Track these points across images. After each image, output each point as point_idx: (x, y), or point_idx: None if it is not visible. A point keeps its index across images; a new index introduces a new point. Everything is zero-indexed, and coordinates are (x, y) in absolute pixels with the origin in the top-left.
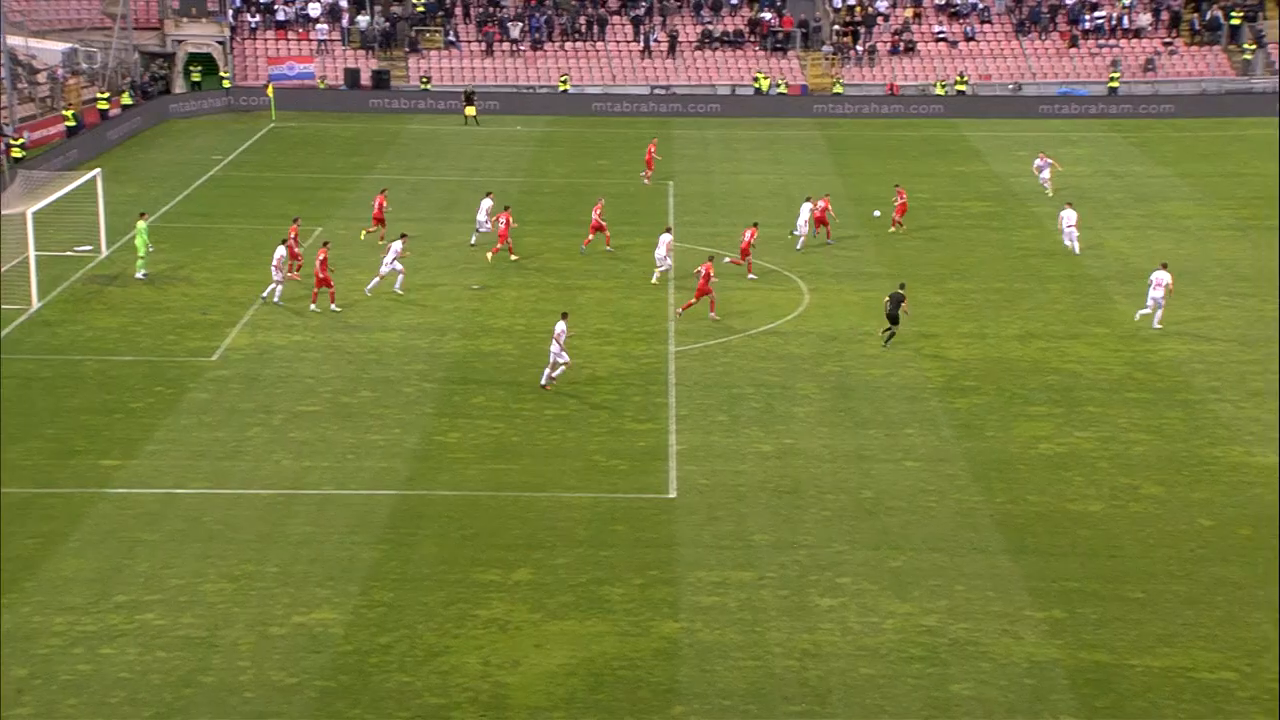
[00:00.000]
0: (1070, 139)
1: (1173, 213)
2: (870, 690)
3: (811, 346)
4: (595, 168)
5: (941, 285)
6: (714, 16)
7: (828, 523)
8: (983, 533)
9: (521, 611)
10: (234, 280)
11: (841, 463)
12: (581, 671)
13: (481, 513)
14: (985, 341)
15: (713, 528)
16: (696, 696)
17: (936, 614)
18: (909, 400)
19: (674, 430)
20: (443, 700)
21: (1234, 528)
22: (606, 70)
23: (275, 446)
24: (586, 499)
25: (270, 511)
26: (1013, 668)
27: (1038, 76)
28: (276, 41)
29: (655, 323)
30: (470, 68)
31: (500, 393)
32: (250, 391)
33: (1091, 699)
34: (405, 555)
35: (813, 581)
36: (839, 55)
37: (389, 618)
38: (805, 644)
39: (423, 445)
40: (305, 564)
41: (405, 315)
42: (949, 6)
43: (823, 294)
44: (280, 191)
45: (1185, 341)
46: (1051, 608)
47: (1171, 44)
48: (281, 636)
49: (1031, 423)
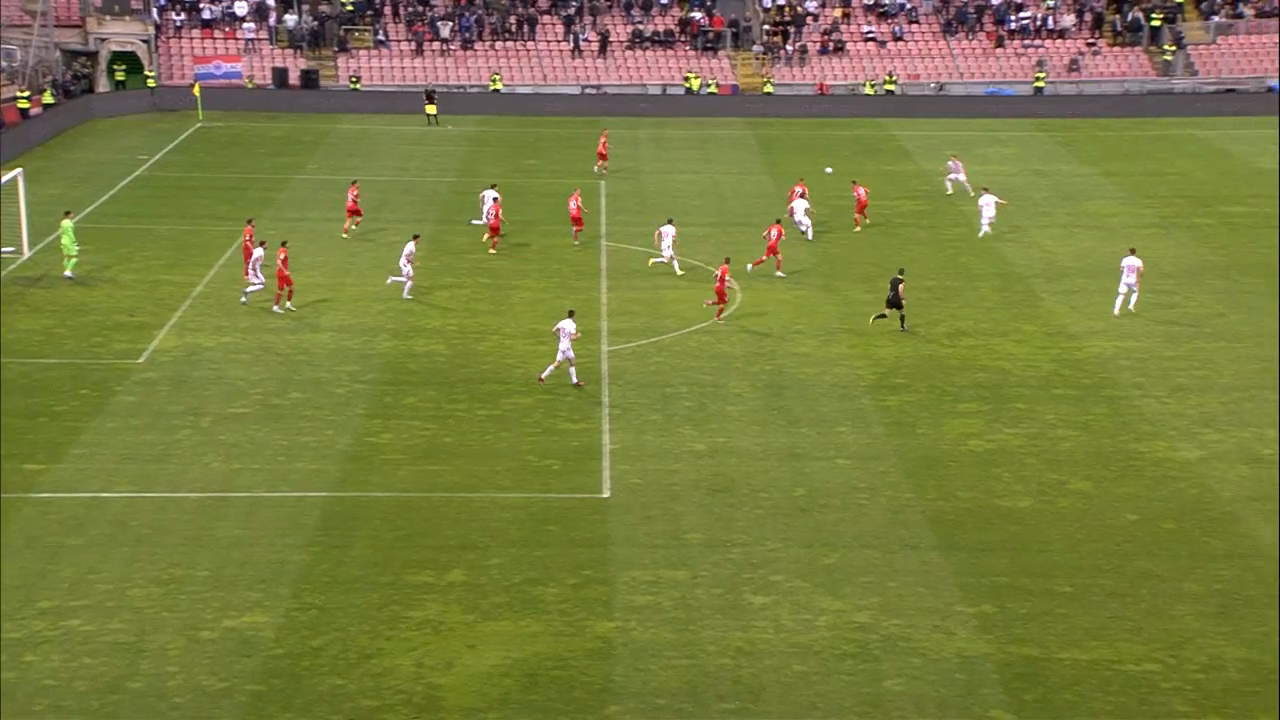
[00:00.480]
0: (998, 138)
1: (1097, 211)
2: (803, 687)
3: (744, 345)
4: (526, 167)
5: (873, 284)
6: (645, 16)
7: (761, 521)
8: (914, 529)
9: (455, 613)
10: (161, 281)
11: (774, 461)
12: (516, 672)
13: (414, 514)
14: (916, 340)
15: (646, 527)
16: (631, 695)
17: (869, 610)
18: (841, 398)
19: (607, 430)
20: (376, 702)
21: (1158, 522)
22: (537, 70)
23: (204, 449)
24: (520, 499)
25: (199, 514)
26: (944, 663)
27: (965, 76)
28: (203, 40)
29: (588, 322)
30: (400, 67)
31: (432, 393)
32: (178, 394)
33: (1021, 692)
34: (337, 557)
35: (746, 580)
36: (769, 55)
37: (321, 620)
38: (739, 642)
39: (354, 447)
40: (235, 567)
41: (336, 316)
42: (877, 7)
43: (755, 293)
44: (208, 192)
45: (1110, 339)
46: (981, 603)
47: (1095, 45)
48: (211, 641)
49: (961, 420)
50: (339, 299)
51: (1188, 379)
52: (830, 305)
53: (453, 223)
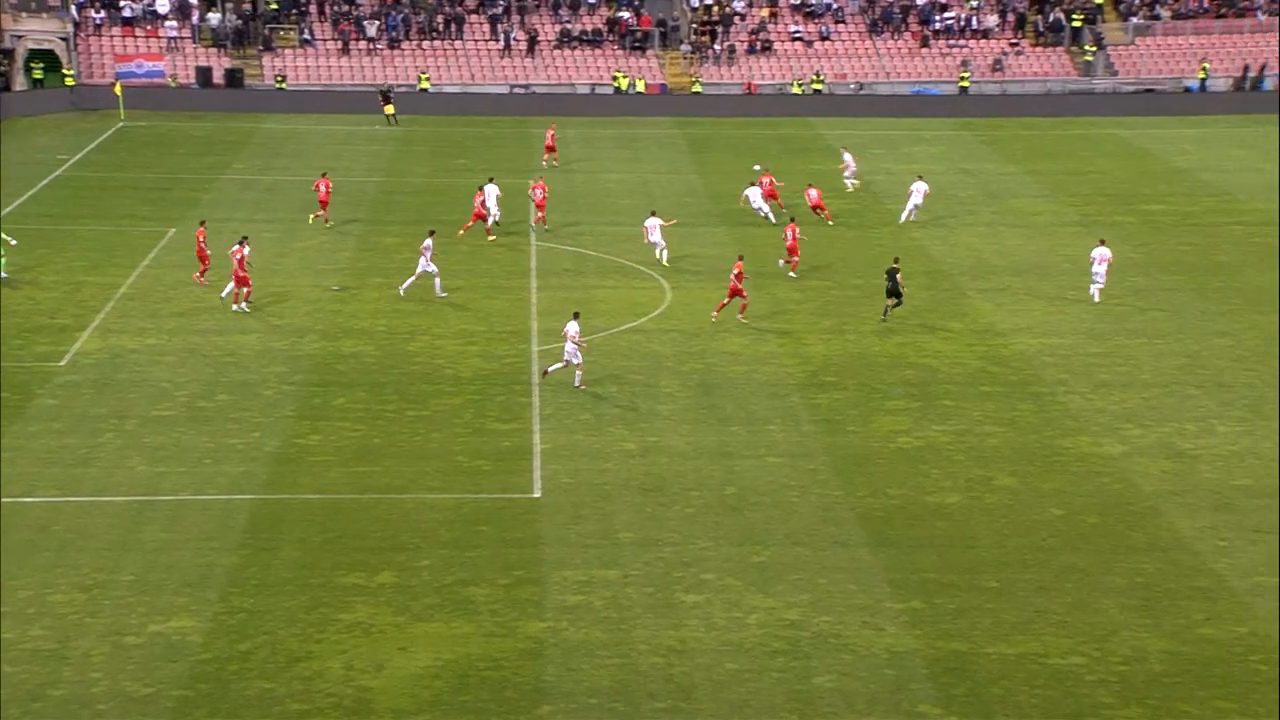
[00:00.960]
0: (924, 138)
1: (1022, 209)
2: (735, 685)
3: (674, 344)
4: (455, 167)
5: (801, 282)
6: (572, 16)
7: (692, 520)
8: (844, 527)
9: (385, 615)
10: (83, 283)
11: (705, 460)
12: (447, 673)
13: (344, 516)
14: (845, 338)
15: (578, 527)
16: (563, 696)
17: (799, 608)
18: (771, 397)
19: (538, 430)
20: (305, 706)
21: (1083, 516)
22: (465, 69)
23: (129, 452)
24: (450, 500)
25: (124, 519)
26: (873, 659)
27: (891, 76)
28: (124, 39)
29: (518, 322)
30: (326, 66)
31: (362, 394)
32: (102, 396)
33: (949, 687)
34: (265, 561)
35: (678, 578)
36: (697, 55)
37: (249, 624)
38: (671, 641)
39: (283, 448)
40: (162, 571)
41: (263, 317)
42: (804, 7)
43: (684, 291)
44: (131, 192)
45: (1035, 335)
46: (910, 599)
47: (1017, 45)
48: (137, 646)
49: (890, 417)
50: (266, 300)
51: (1110, 375)
52: (760, 304)
53: (381, 223)
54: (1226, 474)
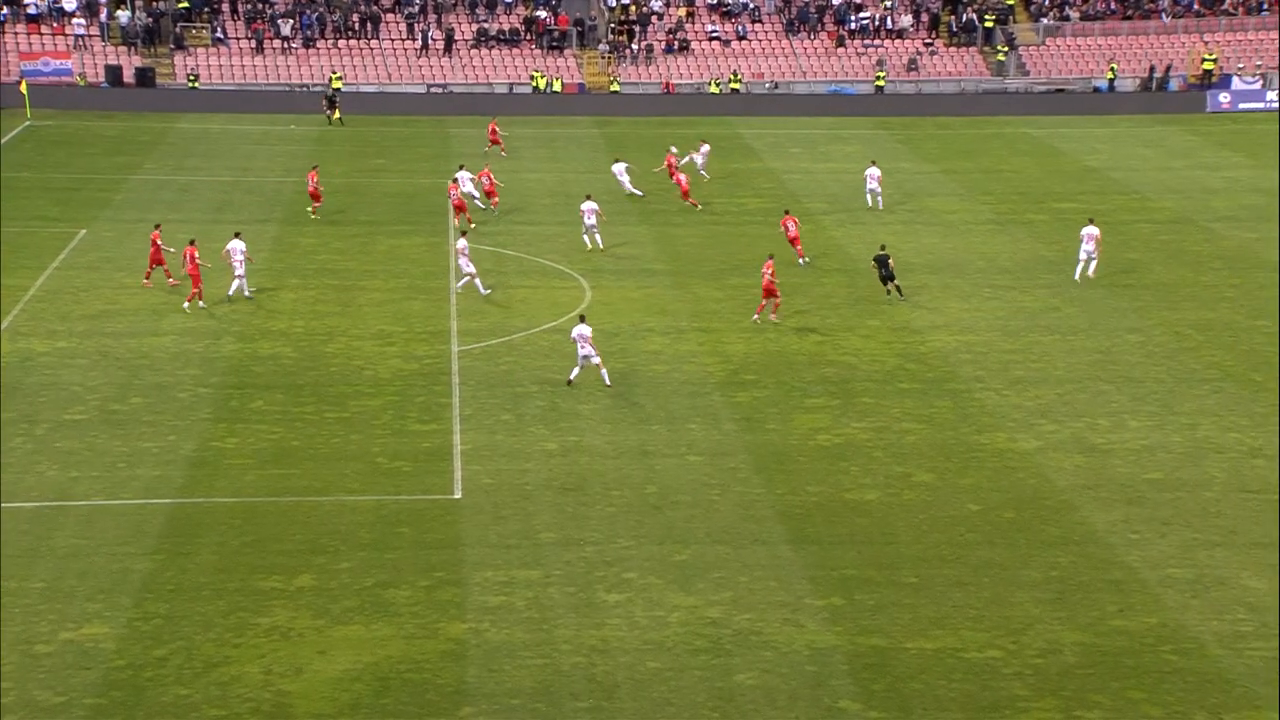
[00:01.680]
0: (841, 136)
1: (937, 208)
2: (657, 683)
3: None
4: (373, 167)
5: (721, 281)
6: (489, 15)
7: (613, 519)
8: (764, 524)
9: (304, 618)
10: None
11: (626, 459)
12: (367, 676)
13: (262, 519)
14: (764, 335)
15: (499, 527)
16: (485, 697)
17: (721, 606)
18: (691, 395)
19: (458, 430)
20: (223, 712)
21: (999, 511)
22: (382, 69)
23: (39, 457)
24: (370, 502)
25: (35, 525)
26: (794, 655)
27: (808, 75)
28: (29, 36)
29: (437, 323)
30: (240, 65)
31: (280, 396)
32: (11, 401)
33: (869, 683)
34: (181, 565)
35: (599, 578)
36: (615, 54)
37: (165, 630)
38: (593, 640)
39: (199, 452)
40: (74, 578)
41: (178, 319)
42: (721, 6)
43: (604, 290)
44: (39, 193)
45: (951, 333)
46: (831, 595)
47: (932, 45)
48: (48, 654)
49: (809, 415)
50: (180, 302)
51: (1025, 371)
52: (680, 303)
53: (298, 224)
54: (1138, 468)
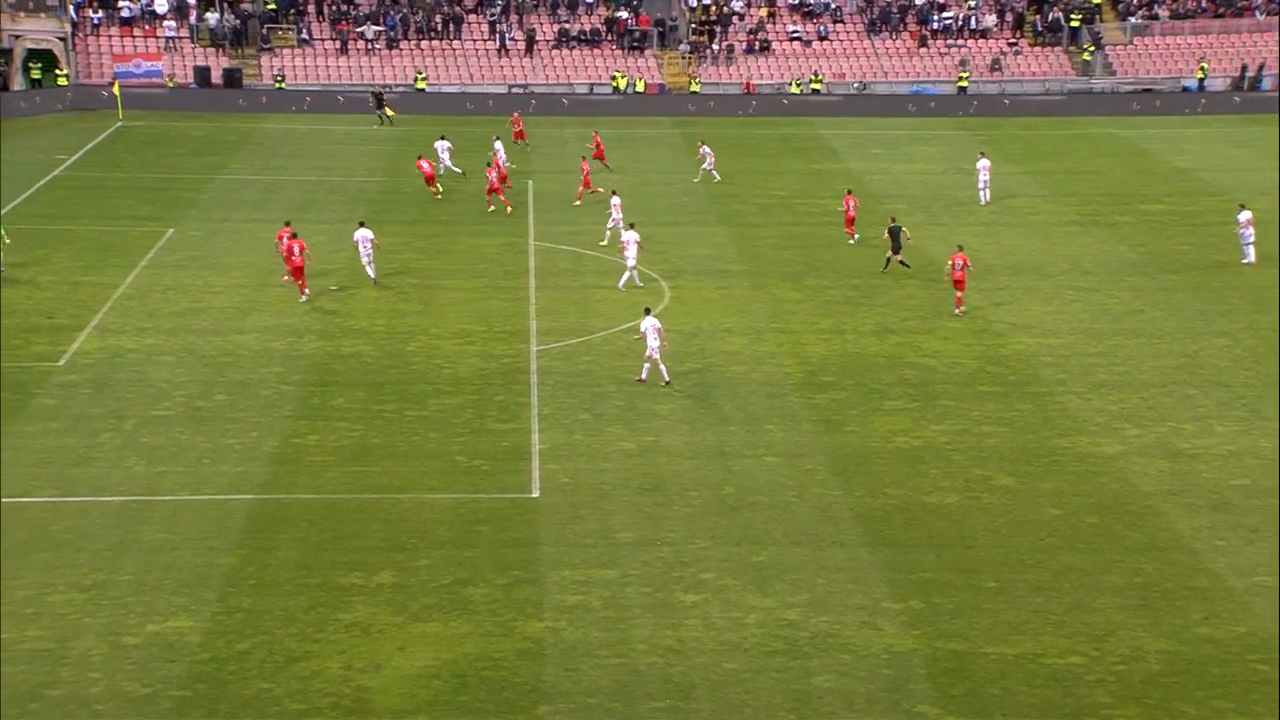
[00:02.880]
0: (922, 137)
1: (1020, 209)
2: (733, 685)
3: (673, 343)
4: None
5: (800, 282)
6: (570, 15)
7: (690, 519)
8: (842, 526)
9: (384, 614)
10: (81, 283)
11: (703, 459)
12: (445, 673)
13: (342, 516)
14: (843, 337)
15: (576, 526)
16: (561, 695)
17: (798, 608)
18: (769, 396)
19: (536, 429)
20: (304, 706)
21: (1081, 516)
22: (464, 69)
23: (127, 452)
24: (449, 500)
25: (122, 519)
26: (872, 659)
27: (889, 75)
28: (122, 39)
29: (516, 322)
30: (325, 66)
31: (361, 394)
32: (100, 396)
33: (948, 687)
34: (264, 560)
35: (676, 578)
36: (695, 54)
37: (247, 624)
38: (669, 640)
39: (281, 448)
40: (160, 572)
41: (261, 317)
42: (803, 6)
43: (683, 291)
44: (129, 192)
45: (1034, 335)
46: (909, 599)
47: (1016, 45)
48: (135, 646)
49: (888, 417)
50: (264, 300)
51: (1108, 375)
52: (758, 303)
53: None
54: (1224, 474)
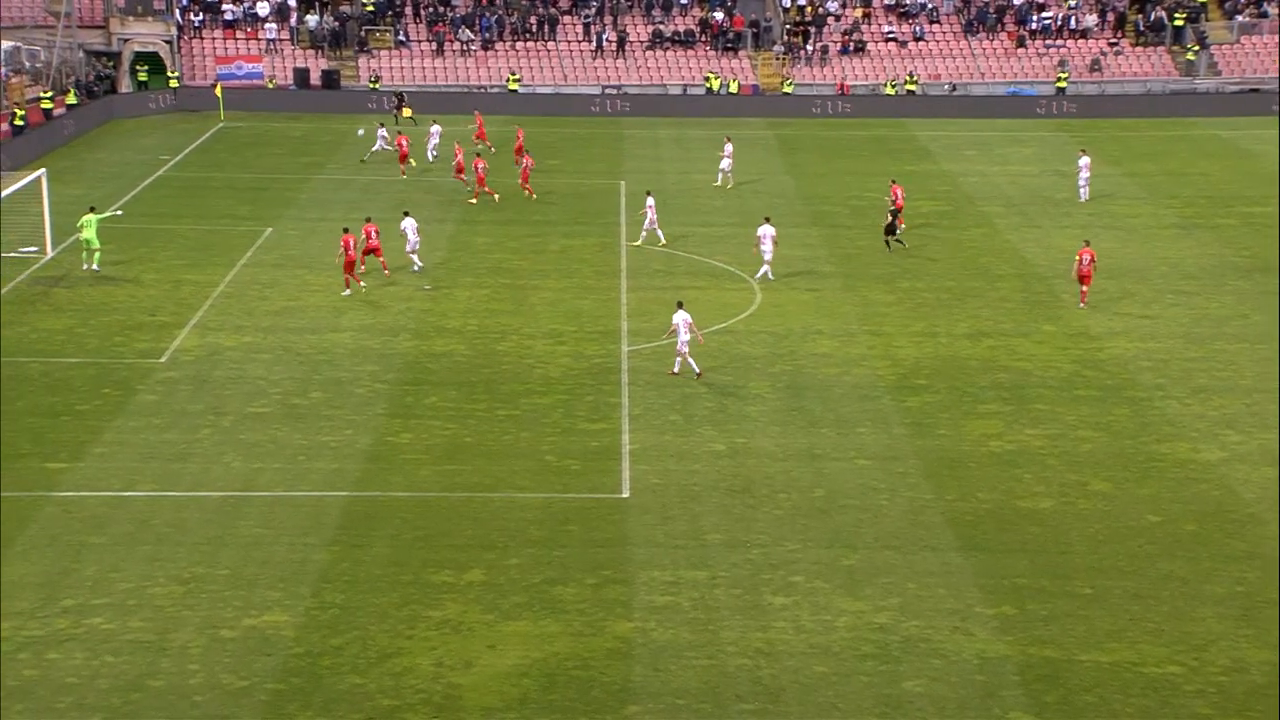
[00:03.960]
0: (1019, 139)
1: (1119, 212)
2: (823, 688)
3: (764, 346)
4: (547, 167)
5: (893, 284)
6: (665, 16)
7: (780, 521)
8: (934, 530)
9: (474, 612)
10: (182, 281)
11: (794, 462)
12: (535, 672)
13: (434, 514)
14: (936, 340)
15: (666, 527)
16: (650, 696)
17: (888, 611)
18: (861, 399)
19: (627, 430)
20: (395, 702)
21: (1180, 523)
22: (558, 70)
23: (225, 448)
24: (539, 499)
25: (220, 514)
26: (964, 664)
27: (986, 76)
28: (224, 41)
29: (608, 322)
30: (421, 68)
31: (453, 393)
32: (199, 393)
33: (1041, 694)
34: (357, 557)
35: (766, 580)
36: (790, 55)
37: (341, 620)
38: (759, 642)
39: (375, 446)
40: (256, 566)
41: (356, 316)
42: (898, 7)
43: (774, 292)
44: (229, 192)
45: (1132, 339)
46: (1002, 604)
47: (1117, 44)
48: (232, 639)
49: (982, 420)
50: (359, 299)
51: (1210, 380)
52: (850, 305)
53: (473, 223)
54: None
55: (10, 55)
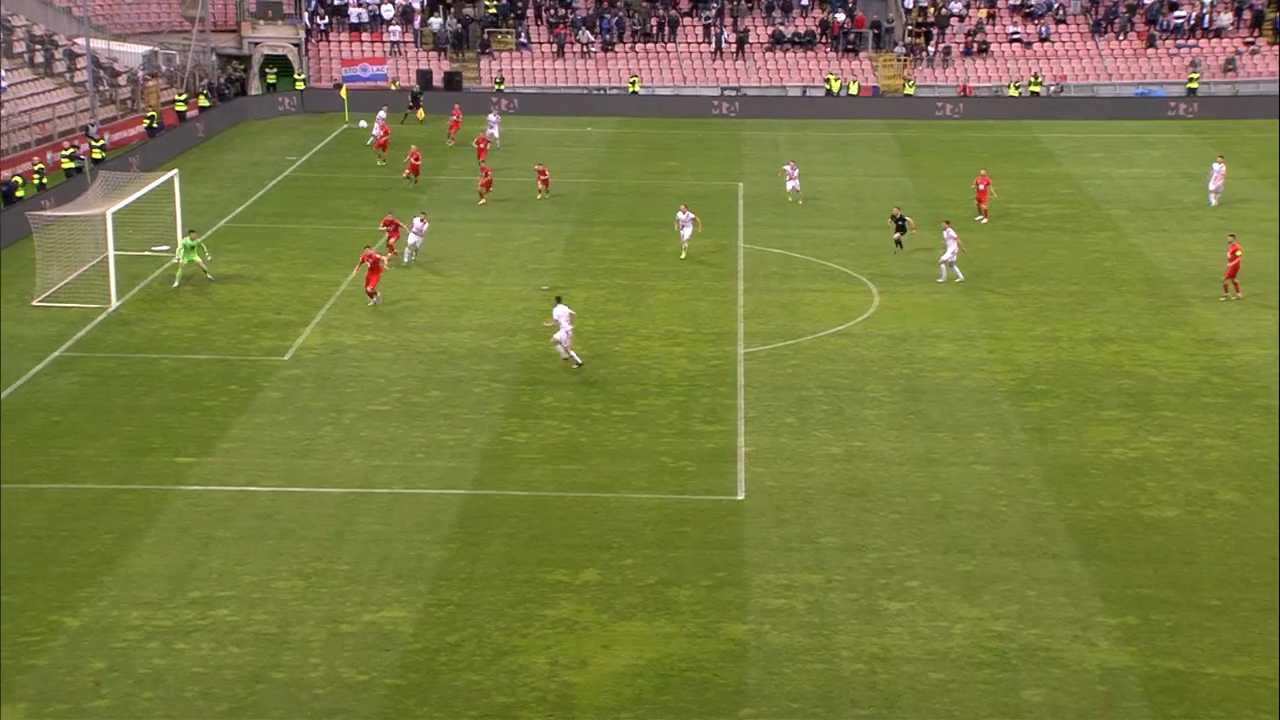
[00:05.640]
0: (1146, 141)
1: (1251, 215)
2: (940, 695)
3: (881, 349)
4: (665, 169)
5: (1014, 288)
6: (785, 17)
7: (896, 526)
8: (1054, 538)
9: (589, 612)
10: (307, 280)
11: (911, 466)
12: (649, 672)
13: (549, 513)
14: (1058, 345)
15: (781, 530)
16: (764, 699)
17: (1007, 619)
18: (979, 403)
19: (742, 432)
20: (510, 699)
21: None
22: (677, 71)
23: (346, 445)
24: (654, 500)
25: (341, 510)
26: (1085, 674)
27: (1114, 77)
28: (350, 43)
29: (724, 324)
30: (541, 69)
31: (569, 393)
32: (322, 390)
33: (1166, 707)
34: (474, 555)
35: (881, 585)
36: (911, 56)
37: (457, 617)
38: (874, 648)
39: (492, 445)
40: (375, 562)
41: (475, 315)
42: (1024, 7)
43: (892, 296)
44: (352, 192)
45: (1263, 346)
46: (1124, 614)
47: (1253, 44)
48: (352, 634)
49: (1104, 427)
50: (479, 298)
51: None
52: (970, 309)
53: (591, 224)
54: None
55: (148, 59)
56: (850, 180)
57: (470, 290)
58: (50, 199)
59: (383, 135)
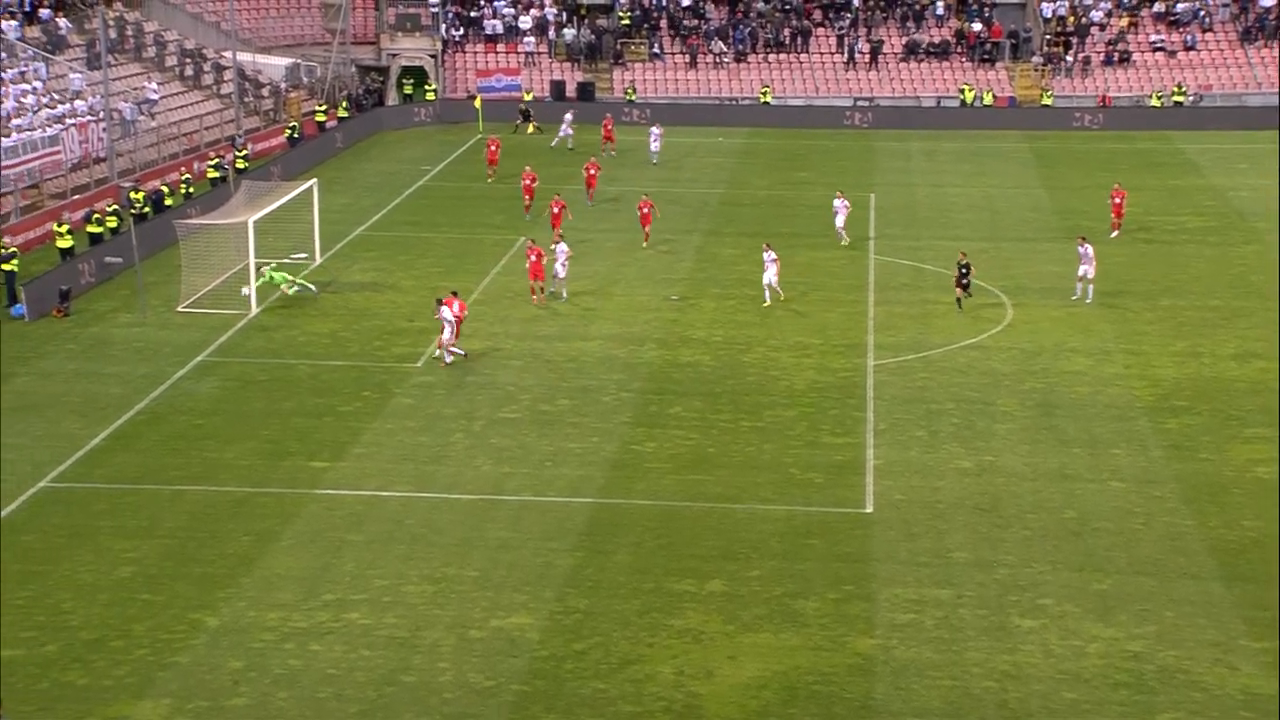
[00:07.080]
0: None
1: None
2: (1073, 715)
3: (1014, 362)
4: (796, 179)
5: (1153, 301)
6: (919, 27)
7: (1029, 542)
8: (1194, 558)
9: (715, 623)
10: (439, 288)
11: (1044, 481)
12: (775, 685)
13: (676, 523)
14: (1199, 360)
15: (910, 544)
16: (892, 714)
17: (1143, 639)
18: (1116, 419)
19: (871, 444)
20: (636, 708)
21: None
22: (809, 82)
23: (476, 452)
24: (782, 511)
25: (470, 516)
26: (1226, 699)
27: (1263, 86)
28: (485, 54)
29: (854, 335)
30: (674, 80)
31: (697, 403)
32: (453, 397)
33: None
34: (600, 563)
35: (1013, 602)
36: (1049, 66)
37: (584, 624)
38: (1005, 665)
39: (619, 454)
40: (504, 569)
41: (604, 325)
42: (1168, 15)
43: (1026, 309)
44: (484, 201)
45: None
46: (1268, 638)
47: None
48: (480, 639)
49: (1248, 445)
50: (608, 308)
51: None
52: (1106, 323)
53: (721, 234)
54: None
55: (290, 71)
56: (983, 192)
57: (599, 299)
58: (196, 208)
59: (494, 150)
